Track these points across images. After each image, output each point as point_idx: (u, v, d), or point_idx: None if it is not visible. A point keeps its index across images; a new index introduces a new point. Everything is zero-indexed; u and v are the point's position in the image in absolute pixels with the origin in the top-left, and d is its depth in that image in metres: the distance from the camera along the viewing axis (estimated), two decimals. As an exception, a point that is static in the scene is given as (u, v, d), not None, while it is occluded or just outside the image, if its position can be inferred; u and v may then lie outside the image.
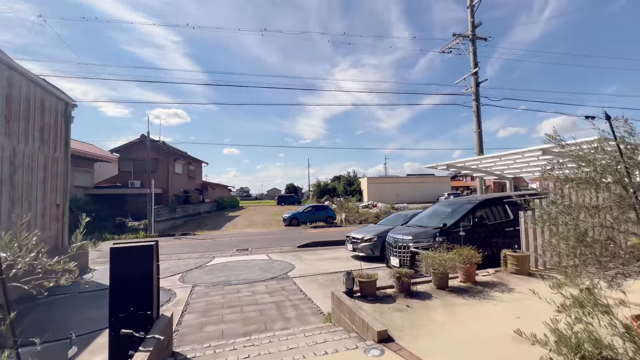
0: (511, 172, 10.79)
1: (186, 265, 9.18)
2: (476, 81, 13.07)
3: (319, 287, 6.33)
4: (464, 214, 6.27)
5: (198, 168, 32.70)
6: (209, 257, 10.51)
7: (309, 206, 22.25)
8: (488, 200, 6.57)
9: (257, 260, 9.45)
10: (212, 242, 14.33)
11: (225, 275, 7.71)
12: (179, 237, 16.63)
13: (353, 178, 58.00)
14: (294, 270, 8.02)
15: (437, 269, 4.13)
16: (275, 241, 13.83)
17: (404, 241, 6.28)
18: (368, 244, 8.77)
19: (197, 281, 7.18)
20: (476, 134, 12.92)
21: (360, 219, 21.60)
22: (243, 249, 12.01)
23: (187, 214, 25.37)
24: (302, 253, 10.54)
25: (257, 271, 8.03)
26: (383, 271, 7.55)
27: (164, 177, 24.03)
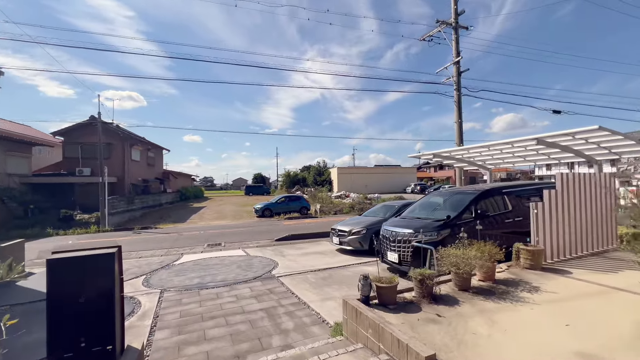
0: (493, 162, 10.83)
1: (150, 264, 7.97)
2: (458, 70, 12.93)
3: (312, 287, 5.63)
4: (466, 205, 5.89)
5: (158, 155, 30.05)
6: (177, 254, 9.33)
7: (283, 196, 21.34)
8: (489, 191, 6.26)
9: (233, 257, 8.50)
10: (178, 236, 12.97)
11: (198, 276, 6.71)
12: (138, 231, 14.92)
13: (323, 168, 57.66)
14: (278, 267, 7.24)
15: (463, 268, 3.62)
16: (249, 234, 12.84)
17: (405, 235, 5.77)
18: (356, 237, 8.21)
19: (165, 285, 6.12)
20: (456, 124, 12.86)
21: (335, 209, 21.19)
22: (215, 243, 10.91)
23: (146, 205, 23.19)
24: (282, 247, 9.75)
25: (235, 270, 7.12)
26: (374, 266, 7.05)
27: (119, 164, 21.58)
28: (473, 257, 3.64)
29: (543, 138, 7.05)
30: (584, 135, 6.67)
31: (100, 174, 16.41)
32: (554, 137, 7.05)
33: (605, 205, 6.02)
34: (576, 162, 10.50)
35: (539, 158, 9.40)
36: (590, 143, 7.22)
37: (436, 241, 5.41)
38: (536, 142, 7.08)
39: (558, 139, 7.11)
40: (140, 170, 24.92)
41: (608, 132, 6.11)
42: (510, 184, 6.84)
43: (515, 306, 3.30)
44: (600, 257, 5.39)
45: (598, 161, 8.12)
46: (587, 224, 5.68)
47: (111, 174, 20.28)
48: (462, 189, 6.83)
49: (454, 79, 12.99)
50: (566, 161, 10.05)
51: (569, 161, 9.76)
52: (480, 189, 6.34)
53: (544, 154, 8.88)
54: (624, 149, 7.40)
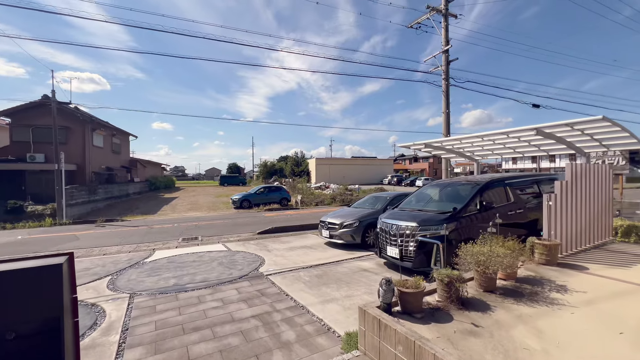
0: (483, 154, 10.73)
1: (116, 263, 7.01)
2: (447, 59, 12.66)
3: (307, 287, 5.06)
4: (471, 196, 5.54)
5: (124, 142, 27.76)
6: (148, 250, 8.36)
7: (262, 187, 20.44)
8: (494, 182, 5.96)
9: (213, 253, 7.71)
10: (148, 229, 11.83)
11: (174, 276, 5.90)
12: (102, 224, 13.52)
13: (301, 159, 56.76)
14: (265, 264, 6.58)
15: (492, 267, 3.19)
16: (229, 227, 11.99)
17: (408, 228, 5.33)
18: (348, 230, 7.72)
19: (135, 287, 5.28)
20: (444, 114, 12.66)
21: (316, 200, 20.67)
22: (191, 237, 9.99)
23: (111, 195, 21.35)
24: (266, 241, 9.07)
25: (217, 268, 6.38)
26: (370, 261, 6.62)
27: (79, 150, 19.54)
28: (503, 255, 3.22)
29: (542, 128, 6.85)
30: (583, 126, 6.53)
31: (55, 160, 14.63)
32: (553, 128, 6.88)
33: (605, 197, 5.94)
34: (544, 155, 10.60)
35: (528, 150, 9.35)
36: (585, 135, 7.14)
37: (443, 235, 5.01)
38: (535, 132, 6.88)
39: (556, 130, 6.95)
40: (103, 158, 22.82)
41: (609, 122, 5.98)
42: (511, 175, 6.61)
43: (554, 310, 2.93)
44: (604, 250, 5.27)
45: (586, 153, 8.15)
46: (589, 216, 5.54)
47: (69, 160, 18.30)
48: (464, 180, 6.51)
49: (442, 68, 12.72)
50: (544, 154, 10.13)
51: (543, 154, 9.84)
52: (484, 180, 6.03)
53: (534, 146, 8.81)
54: (615, 142, 7.41)
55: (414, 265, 5.22)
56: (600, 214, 5.84)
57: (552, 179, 7.37)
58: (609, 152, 9.14)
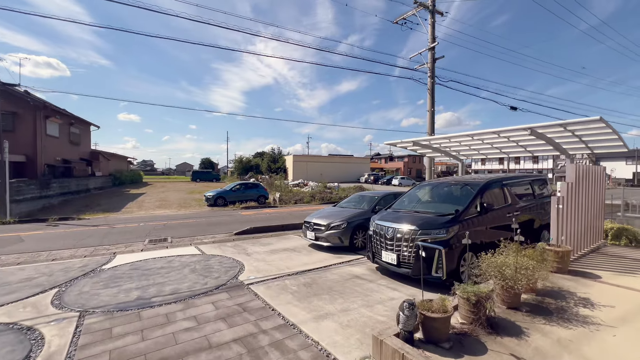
0: (469, 153, 10.62)
1: (67, 270, 5.98)
2: (433, 57, 12.47)
3: (296, 299, 4.44)
4: (472, 198, 5.18)
5: (85, 132, 25.36)
6: (107, 254, 7.32)
7: (238, 183, 19.41)
8: (494, 182, 5.66)
9: (185, 258, 6.86)
10: (109, 230, 10.59)
11: (138, 286, 5.05)
12: (54, 223, 12.00)
13: (277, 155, 55.59)
14: (245, 271, 5.88)
15: (521, 282, 2.76)
16: (202, 227, 11.03)
17: (407, 232, 4.87)
18: (335, 232, 7.18)
19: (88, 303, 4.39)
20: (429, 113, 12.48)
21: (295, 198, 20.00)
22: (159, 239, 8.99)
23: (68, 190, 19.36)
24: (244, 243, 8.31)
25: (189, 276, 5.58)
26: (361, 266, 6.12)
27: (30, 139, 17.40)
28: (532, 269, 2.81)
29: (535, 128, 6.69)
30: (576, 127, 6.42)
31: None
32: (545, 128, 6.74)
33: (599, 199, 5.86)
34: (522, 157, 10.72)
35: (514, 150, 9.30)
36: (574, 136, 7.08)
37: (445, 240, 4.61)
38: (529, 132, 6.71)
39: (549, 130, 6.82)
40: (59, 149, 20.62)
41: (604, 124, 5.87)
42: (508, 176, 6.37)
43: (592, 332, 2.55)
44: (602, 255, 5.14)
45: (571, 155, 8.18)
46: (587, 219, 5.40)
47: (17, 151, 16.24)
48: (460, 180, 6.18)
49: (428, 66, 12.51)
50: (529, 155, 10.19)
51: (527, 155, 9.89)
52: (483, 180, 5.72)
53: (521, 146, 8.75)
54: (601, 144, 7.43)
55: (413, 273, 4.78)
56: (595, 217, 5.74)
57: (543, 179, 7.28)
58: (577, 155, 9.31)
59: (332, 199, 20.22)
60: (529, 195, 6.40)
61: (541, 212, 6.45)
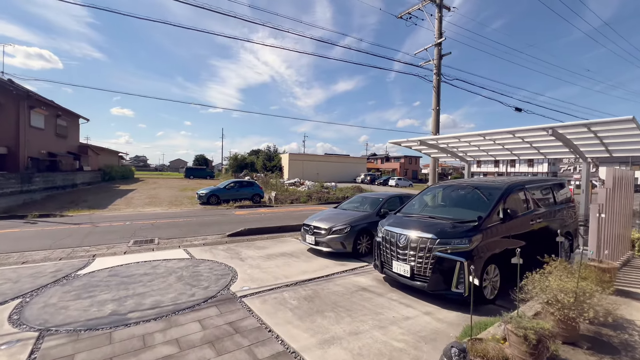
0: (476, 155, 10.11)
1: (36, 275, 5.29)
2: (439, 53, 11.94)
3: (296, 317, 3.84)
4: (494, 203, 4.63)
5: (72, 125, 24.37)
6: (85, 256, 6.63)
7: (232, 181, 18.71)
8: (517, 186, 5.12)
9: (171, 262, 6.21)
10: (92, 228, 9.85)
11: (115, 298, 4.40)
12: (33, 219, 11.20)
13: (273, 153, 54.91)
14: (238, 279, 5.26)
15: (587, 311, 2.21)
16: (193, 227, 10.35)
17: (424, 241, 4.30)
18: (338, 237, 6.59)
19: (52, 319, 3.73)
20: (434, 112, 11.95)
21: (291, 198, 19.38)
22: (145, 240, 8.30)
23: (53, 185, 18.47)
24: (237, 246, 7.68)
25: (175, 285, 4.94)
26: (367, 276, 5.54)
27: (12, 130, 16.48)
28: (597, 294, 2.25)
29: (557, 128, 6.18)
30: (602, 128, 5.94)
31: (-25, 140, 11.92)
32: (568, 128, 6.24)
33: (629, 207, 5.38)
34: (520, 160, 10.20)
35: (527, 152, 8.79)
36: (596, 137, 6.60)
37: (467, 251, 4.05)
38: (550, 133, 6.19)
39: (571, 130, 6.32)
40: (44, 141, 19.68)
41: (634, 124, 5.38)
42: (530, 179, 5.84)
43: (682, 381, 1.99)
44: (636, 269, 4.63)
45: (587, 158, 7.71)
46: (619, 229, 4.90)
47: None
48: (480, 183, 5.63)
49: (434, 62, 11.98)
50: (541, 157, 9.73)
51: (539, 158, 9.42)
52: (505, 183, 5.17)
53: (535, 148, 8.26)
54: (623, 147, 6.97)
55: (430, 287, 4.21)
56: (625, 226, 5.25)
57: (561, 184, 6.78)
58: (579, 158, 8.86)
59: (329, 199, 19.65)
60: (550, 200, 5.89)
61: (562, 220, 5.95)
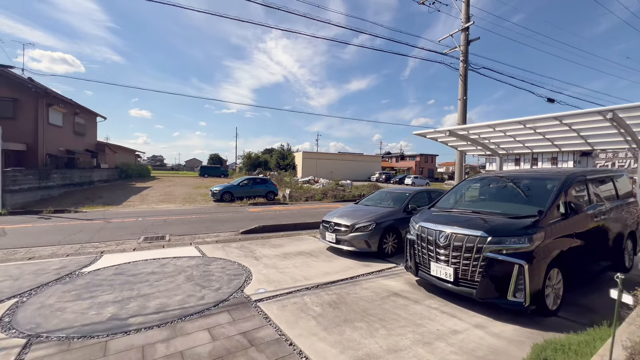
0: (510, 147, 9.24)
1: (39, 273, 4.93)
2: (466, 38, 11.08)
3: (322, 328, 3.25)
4: (555, 195, 3.89)
5: (90, 123, 24.69)
6: (94, 253, 6.27)
7: (246, 178, 18.35)
8: (579, 176, 4.36)
9: (182, 260, 5.75)
10: (104, 224, 9.60)
11: (117, 299, 3.94)
12: (48, 215, 11.10)
13: (287, 152, 54.55)
14: (253, 280, 4.72)
15: None
16: (205, 223, 9.95)
17: (471, 239, 3.62)
18: (362, 234, 5.96)
19: (44, 323, 3.29)
20: (461, 102, 11.11)
21: (306, 195, 18.85)
22: (156, 237, 7.92)
23: (71, 182, 18.63)
24: (251, 244, 7.17)
25: (184, 286, 4.45)
26: (397, 279, 4.88)
27: (30, 127, 16.66)
28: None
29: (617, 110, 5.35)
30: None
31: (-7, 136, 11.96)
32: (632, 111, 5.39)
33: None
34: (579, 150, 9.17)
35: (572, 142, 7.84)
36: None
37: (528, 252, 3.35)
38: (611, 116, 5.37)
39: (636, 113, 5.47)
40: (63, 139, 19.91)
41: None
42: (590, 169, 5.03)
43: None
44: None
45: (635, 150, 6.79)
46: None
47: (16, 139, 15.51)
48: (532, 173, 4.89)
49: (460, 49, 11.13)
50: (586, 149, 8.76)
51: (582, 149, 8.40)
52: (564, 172, 4.42)
53: (582, 137, 7.35)
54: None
55: (479, 295, 3.53)
56: None
57: (622, 175, 5.91)
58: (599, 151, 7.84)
59: (345, 197, 19.00)
60: (612, 193, 5.06)
61: (625, 217, 5.11)
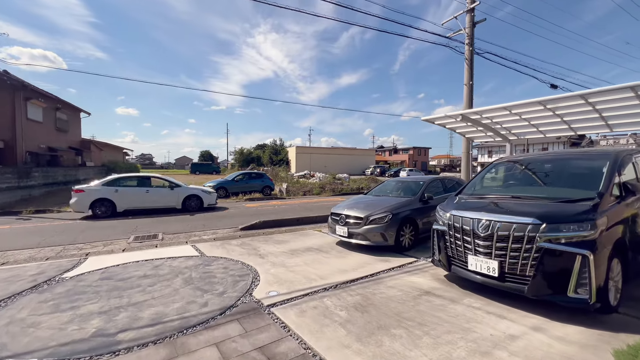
0: (520, 132, 8.82)
1: (12, 280, 4.25)
2: (472, 20, 10.58)
3: (353, 336, 2.71)
4: (608, 175, 3.42)
5: (74, 119, 23.46)
6: (77, 255, 5.59)
7: (240, 173, 17.64)
8: (628, 154, 3.89)
9: (178, 261, 5.12)
10: (89, 224, 8.85)
11: (103, 310, 3.31)
12: (27, 216, 10.25)
13: (280, 147, 53.74)
14: (261, 282, 4.15)
15: None
16: (201, 220, 9.29)
17: (521, 227, 3.11)
18: (377, 227, 5.43)
19: (11, 345, 2.65)
20: (467, 87, 10.63)
21: (304, 189, 18.28)
22: (148, 235, 7.25)
23: (53, 181, 17.60)
24: (253, 241, 6.58)
25: (182, 290, 3.85)
26: (423, 275, 4.36)
27: (7, 122, 15.55)
28: None
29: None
30: None
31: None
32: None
33: None
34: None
35: (592, 125, 7.41)
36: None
37: (591, 240, 2.86)
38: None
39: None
40: (44, 135, 18.79)
41: None
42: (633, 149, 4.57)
43: None
44: None
45: None
46: None
47: (-8, 135, 14.44)
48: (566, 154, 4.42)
49: (466, 31, 10.62)
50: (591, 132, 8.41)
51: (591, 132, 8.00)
52: (611, 150, 3.95)
53: (603, 119, 6.93)
54: None
55: (533, 291, 3.04)
56: None
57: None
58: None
59: (343, 191, 18.50)
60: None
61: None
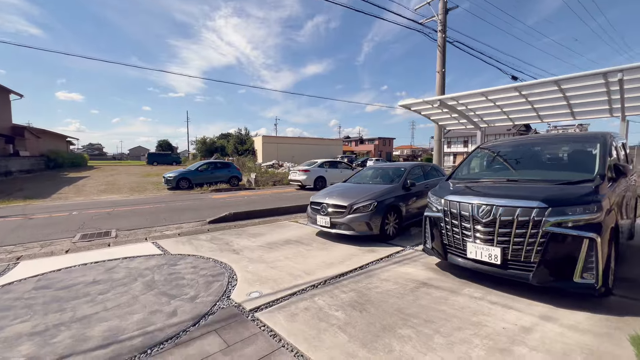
0: (491, 119, 9.00)
1: None
2: (445, 7, 10.52)
3: (358, 342, 2.34)
4: (601, 156, 3.37)
5: (2, 102, 20.27)
6: (5, 260, 4.59)
7: (205, 163, 16.46)
8: (609, 135, 3.90)
9: (136, 261, 4.39)
10: (23, 221, 7.54)
11: (37, 329, 2.60)
12: (-59, 214, 8.52)
13: (245, 136, 51.73)
14: (239, 281, 3.63)
15: None
16: (162, 214, 8.36)
17: (525, 212, 2.92)
18: (362, 215, 5.10)
19: None
20: (439, 74, 10.64)
21: (273, 180, 17.61)
22: (98, 233, 6.28)
23: (-23, 173, 15.08)
24: (224, 235, 5.97)
25: (143, 298, 3.21)
26: (414, 265, 4.12)
27: None
28: None
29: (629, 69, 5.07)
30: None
31: None
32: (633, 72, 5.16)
33: None
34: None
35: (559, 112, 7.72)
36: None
37: (596, 223, 2.74)
38: (621, 75, 5.08)
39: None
40: (-37, 120, 15.95)
41: None
42: (611, 132, 4.67)
43: None
44: None
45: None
46: None
47: None
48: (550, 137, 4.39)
49: (438, 18, 10.57)
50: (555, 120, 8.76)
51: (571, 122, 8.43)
52: (594, 133, 3.94)
53: (569, 107, 7.22)
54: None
55: (538, 278, 2.88)
56: None
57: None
58: None
59: (314, 180, 18.09)
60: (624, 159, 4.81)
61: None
